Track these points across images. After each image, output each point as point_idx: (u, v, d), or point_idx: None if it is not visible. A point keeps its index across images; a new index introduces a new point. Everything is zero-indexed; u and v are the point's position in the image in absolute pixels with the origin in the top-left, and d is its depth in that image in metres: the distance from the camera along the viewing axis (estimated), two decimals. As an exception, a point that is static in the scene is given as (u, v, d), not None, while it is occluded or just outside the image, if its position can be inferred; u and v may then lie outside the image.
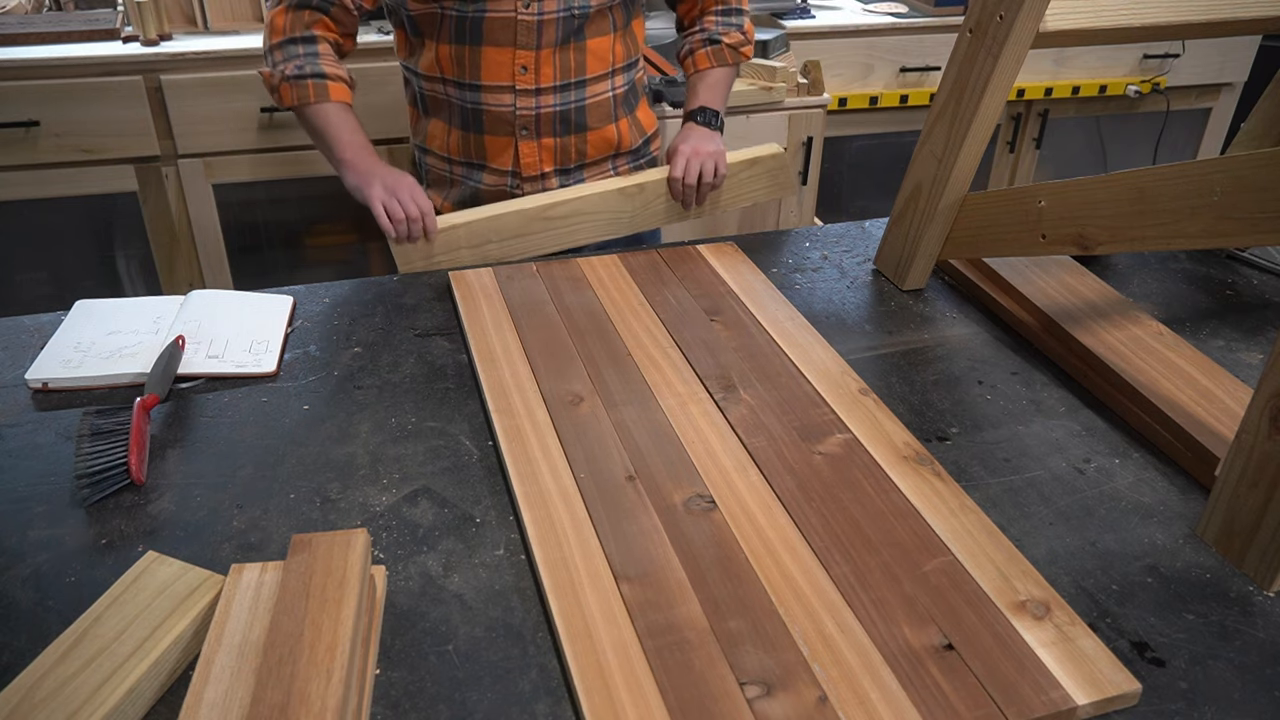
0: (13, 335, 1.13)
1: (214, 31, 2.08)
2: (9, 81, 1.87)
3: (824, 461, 0.92)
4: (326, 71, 1.30)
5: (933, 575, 0.79)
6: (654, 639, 0.73)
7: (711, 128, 1.45)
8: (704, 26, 1.50)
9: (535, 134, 1.41)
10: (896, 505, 0.87)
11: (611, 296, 1.21)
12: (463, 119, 1.41)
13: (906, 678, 0.71)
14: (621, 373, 1.05)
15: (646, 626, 0.74)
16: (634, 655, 0.71)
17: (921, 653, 0.72)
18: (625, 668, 0.70)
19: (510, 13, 1.31)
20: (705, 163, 1.38)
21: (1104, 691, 0.70)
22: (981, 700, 0.69)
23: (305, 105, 1.30)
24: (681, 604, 0.76)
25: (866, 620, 0.75)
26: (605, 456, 0.92)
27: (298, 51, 1.30)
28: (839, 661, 0.72)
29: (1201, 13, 1.12)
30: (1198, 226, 0.91)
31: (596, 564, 0.79)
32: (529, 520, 0.84)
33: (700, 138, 1.43)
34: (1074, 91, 2.57)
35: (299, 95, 1.29)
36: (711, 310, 1.18)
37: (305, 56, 1.29)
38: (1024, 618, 0.76)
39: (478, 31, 1.32)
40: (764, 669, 0.71)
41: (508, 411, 0.98)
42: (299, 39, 1.30)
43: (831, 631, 0.74)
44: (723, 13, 1.50)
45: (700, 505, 0.87)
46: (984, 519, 0.86)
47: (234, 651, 0.67)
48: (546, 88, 1.38)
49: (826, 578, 0.79)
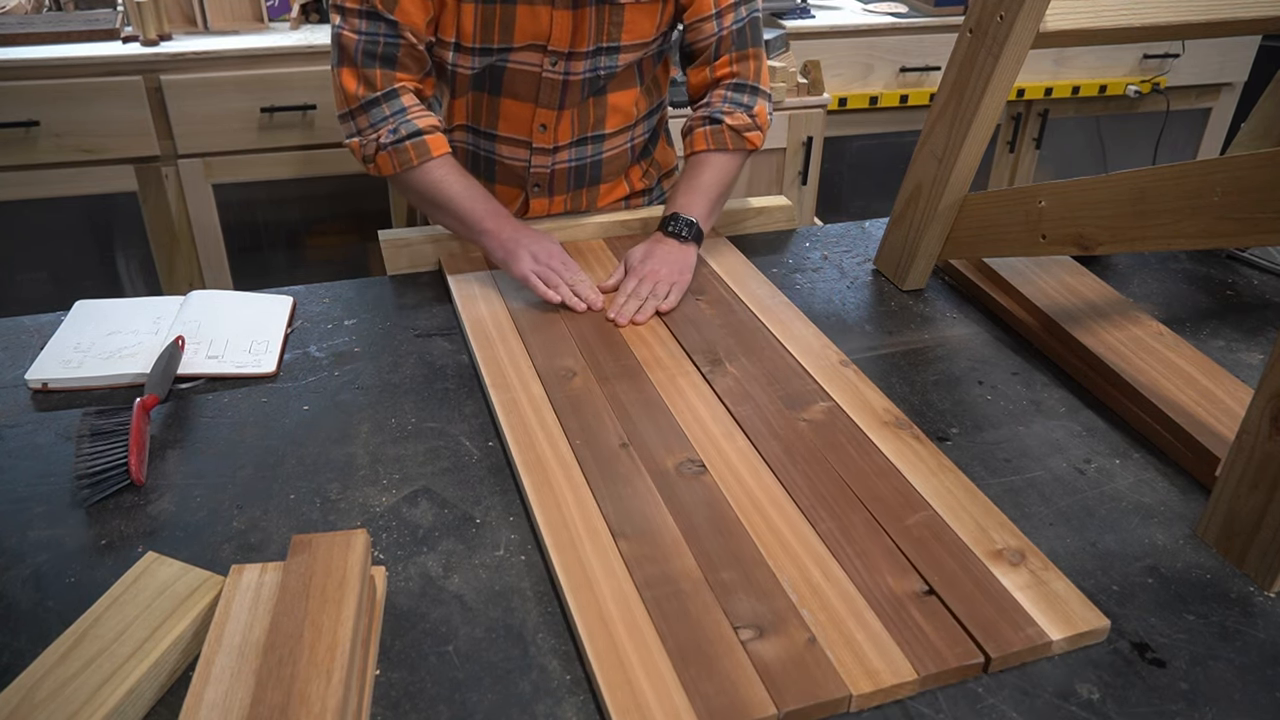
0: (13, 335, 1.13)
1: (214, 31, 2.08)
2: (9, 81, 1.87)
3: (808, 427, 0.96)
4: (422, 128, 1.18)
5: (914, 528, 0.84)
6: (652, 589, 0.76)
7: (682, 240, 1.22)
8: (710, 101, 1.29)
9: (548, 191, 1.36)
10: (878, 465, 0.91)
11: (600, 280, 1.23)
12: (474, 164, 1.36)
13: (890, 620, 0.75)
14: (612, 350, 1.09)
15: (644, 578, 0.78)
16: (633, 604, 0.75)
17: (904, 598, 0.77)
18: (626, 615, 0.74)
19: (535, 68, 1.22)
20: (658, 286, 1.16)
21: (1076, 628, 0.74)
22: (960, 638, 0.73)
23: (409, 170, 1.19)
24: (676, 558, 0.80)
25: (851, 569, 0.79)
26: (599, 426, 0.96)
27: (384, 113, 1.17)
28: (826, 607, 0.76)
29: (1201, 13, 1.12)
30: (1198, 227, 0.91)
31: (595, 523, 0.83)
32: (528, 485, 0.87)
33: (663, 256, 1.20)
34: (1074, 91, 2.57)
35: (400, 161, 1.18)
36: (697, 290, 1.22)
37: (394, 117, 1.17)
38: (1000, 564, 0.80)
39: (498, 82, 1.25)
40: (756, 614, 0.75)
41: (504, 387, 1.02)
42: (380, 98, 1.16)
43: (818, 580, 0.78)
44: (734, 88, 1.29)
45: (691, 469, 0.90)
46: (962, 477, 0.90)
47: (234, 652, 0.67)
48: (564, 144, 1.31)
49: (813, 532, 0.83)
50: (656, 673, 0.69)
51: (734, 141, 1.27)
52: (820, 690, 0.69)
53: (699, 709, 0.67)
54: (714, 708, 0.67)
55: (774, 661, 0.71)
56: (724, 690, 0.68)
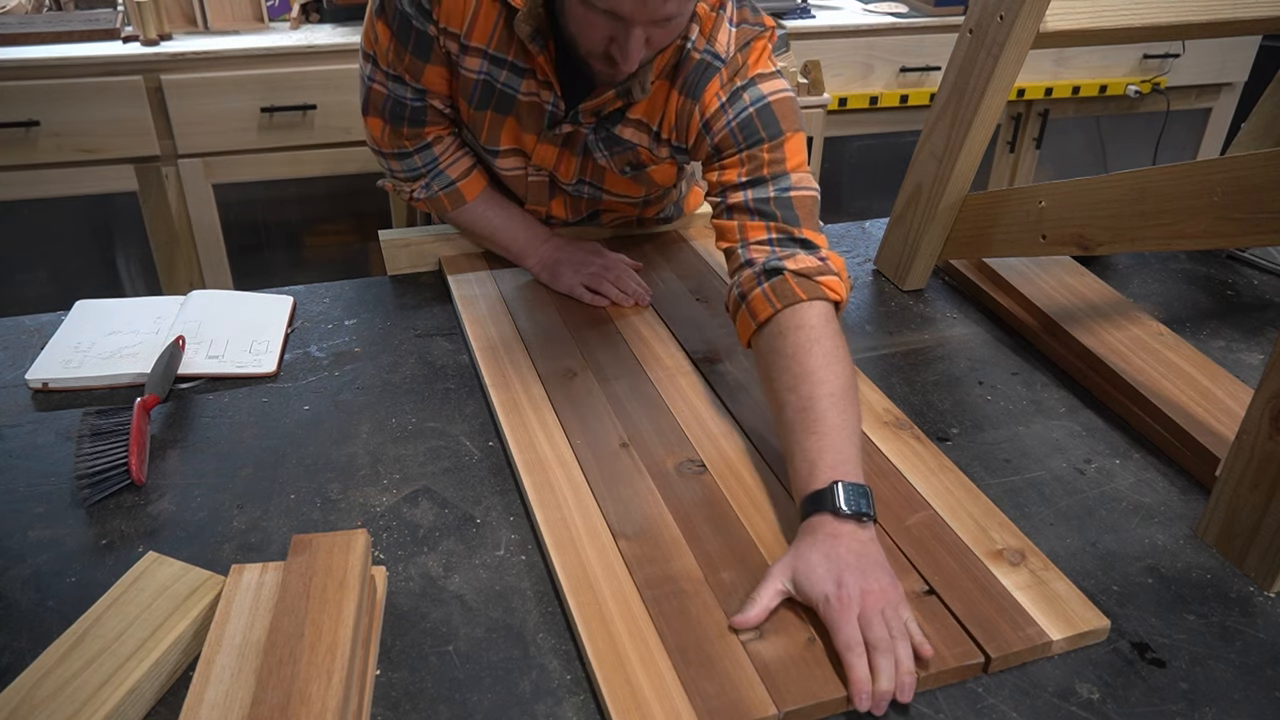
0: (13, 335, 1.13)
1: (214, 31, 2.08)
2: (9, 81, 1.87)
3: None
4: (454, 177, 1.18)
5: (914, 528, 0.84)
6: (652, 589, 0.77)
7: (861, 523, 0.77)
8: (750, 258, 0.96)
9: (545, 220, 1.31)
10: (879, 465, 0.91)
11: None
12: None
13: None
14: (612, 349, 1.09)
15: (645, 578, 0.78)
16: (634, 604, 0.75)
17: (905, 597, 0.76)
18: (626, 615, 0.74)
19: (521, 171, 1.18)
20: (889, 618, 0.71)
21: (1076, 628, 0.74)
22: (961, 638, 0.74)
23: (444, 215, 1.23)
24: (677, 558, 0.80)
25: None
26: (599, 426, 0.96)
27: (416, 165, 1.18)
28: None
29: (1201, 13, 1.12)
30: (1198, 227, 0.91)
31: (595, 523, 0.84)
32: (529, 485, 0.87)
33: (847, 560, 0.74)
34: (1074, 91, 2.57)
35: (436, 208, 1.22)
36: (696, 290, 1.22)
37: (427, 169, 1.18)
38: (1001, 564, 0.80)
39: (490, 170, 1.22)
40: None
41: (504, 387, 1.02)
42: (413, 152, 1.17)
43: None
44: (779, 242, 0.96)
45: (691, 469, 0.91)
46: (962, 477, 0.90)
47: (234, 652, 0.67)
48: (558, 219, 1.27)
49: None
50: (656, 673, 0.69)
51: (806, 290, 0.91)
52: (820, 690, 0.69)
53: (699, 709, 0.67)
54: (714, 708, 0.67)
55: (774, 661, 0.71)
56: (724, 690, 0.68)
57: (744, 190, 1.00)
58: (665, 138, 1.09)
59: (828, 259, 0.95)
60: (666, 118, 1.07)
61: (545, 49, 1.02)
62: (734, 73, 1.02)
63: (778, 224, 0.97)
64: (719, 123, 1.02)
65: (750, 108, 1.01)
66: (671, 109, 1.06)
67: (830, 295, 0.92)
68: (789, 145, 1.01)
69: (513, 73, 1.06)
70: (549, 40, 1.02)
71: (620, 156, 1.13)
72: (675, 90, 1.05)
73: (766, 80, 1.02)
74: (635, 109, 1.08)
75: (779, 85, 1.03)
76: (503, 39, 1.03)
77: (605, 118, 1.09)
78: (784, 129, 1.01)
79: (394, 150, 1.17)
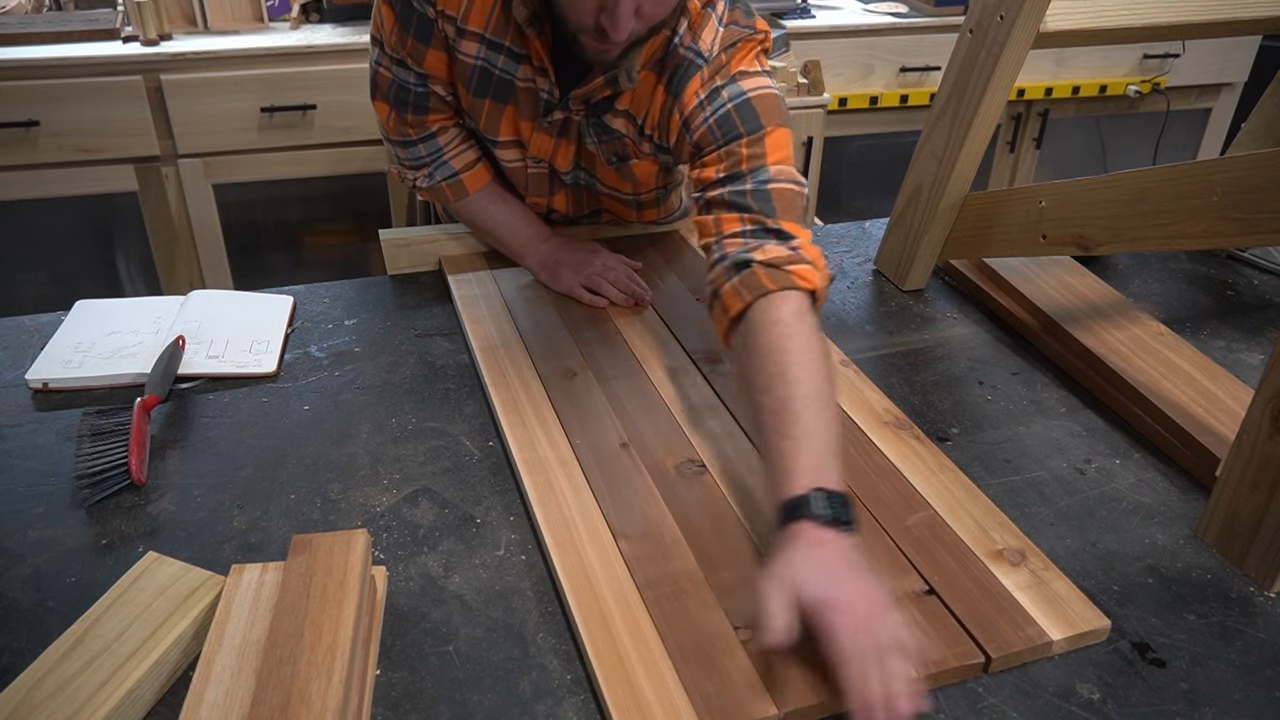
0: (13, 335, 1.13)
1: (214, 31, 2.08)
2: (9, 81, 1.87)
3: None
4: (457, 169, 1.19)
5: (914, 528, 0.84)
6: (652, 589, 0.77)
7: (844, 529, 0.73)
8: (724, 253, 0.93)
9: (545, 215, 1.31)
10: (879, 465, 0.91)
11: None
12: None
13: None
14: (612, 349, 1.09)
15: (644, 578, 0.78)
16: (634, 604, 0.75)
17: (904, 597, 0.77)
18: (626, 615, 0.74)
19: (520, 163, 1.19)
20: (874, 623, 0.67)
21: (1076, 628, 0.74)
22: (961, 638, 0.73)
23: (447, 206, 1.25)
24: (676, 558, 0.80)
25: None
26: (599, 426, 0.96)
27: (420, 154, 1.18)
28: None
29: (1201, 13, 1.12)
30: (1198, 227, 0.91)
31: (595, 523, 0.83)
32: (529, 485, 0.87)
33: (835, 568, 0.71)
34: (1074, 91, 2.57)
35: (438, 198, 1.23)
36: (696, 290, 1.21)
37: (430, 158, 1.19)
38: (1001, 564, 0.80)
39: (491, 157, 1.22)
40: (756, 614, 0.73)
41: (504, 386, 1.02)
42: (416, 141, 1.17)
43: None
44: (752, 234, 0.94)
45: (691, 469, 0.91)
46: (962, 477, 0.90)
47: (234, 652, 0.67)
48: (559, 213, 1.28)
49: None
50: (657, 672, 0.69)
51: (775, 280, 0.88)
52: (820, 690, 0.69)
53: (699, 709, 0.67)
54: (714, 708, 0.67)
55: (774, 661, 0.70)
56: (724, 690, 0.68)
57: (722, 186, 0.97)
58: (649, 133, 1.10)
59: (799, 248, 0.91)
60: (651, 113, 1.08)
61: (542, 34, 1.02)
62: (715, 71, 1.02)
63: (752, 215, 0.94)
64: (697, 120, 1.01)
65: (729, 104, 0.99)
66: (656, 105, 1.07)
67: (801, 284, 0.88)
68: (770, 140, 0.98)
69: (509, 58, 1.06)
70: (545, 25, 1.02)
71: (608, 145, 1.14)
72: (661, 86, 1.06)
73: (748, 78, 1.02)
74: (623, 99, 1.08)
75: (761, 82, 1.01)
76: (500, 23, 1.04)
77: (594, 105, 1.09)
78: (764, 124, 0.99)
79: (400, 137, 1.18)
